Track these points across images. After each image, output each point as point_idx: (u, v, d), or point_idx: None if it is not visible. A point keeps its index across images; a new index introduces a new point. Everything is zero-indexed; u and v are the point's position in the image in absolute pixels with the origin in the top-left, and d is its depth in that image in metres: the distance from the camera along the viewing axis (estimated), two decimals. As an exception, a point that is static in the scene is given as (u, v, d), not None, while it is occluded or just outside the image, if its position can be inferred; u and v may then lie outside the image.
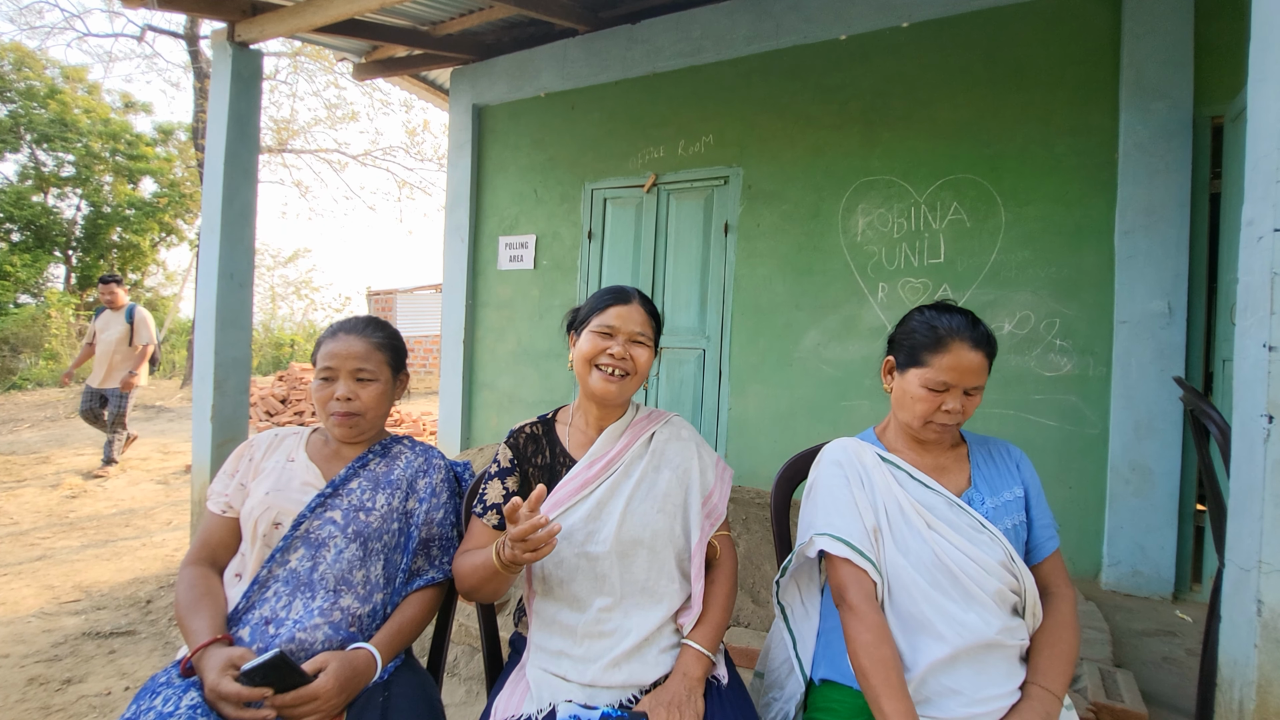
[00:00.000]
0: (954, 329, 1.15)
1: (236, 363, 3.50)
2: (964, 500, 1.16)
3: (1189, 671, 2.18)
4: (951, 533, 1.11)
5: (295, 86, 18.45)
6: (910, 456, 1.22)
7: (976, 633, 1.06)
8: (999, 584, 1.09)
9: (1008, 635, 1.09)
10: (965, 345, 1.13)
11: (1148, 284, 2.88)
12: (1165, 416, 2.82)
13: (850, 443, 1.24)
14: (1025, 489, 1.21)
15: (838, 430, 3.35)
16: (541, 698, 1.11)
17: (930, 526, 1.12)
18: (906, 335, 1.21)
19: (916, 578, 1.10)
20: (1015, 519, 1.17)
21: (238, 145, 3.51)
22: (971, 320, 1.17)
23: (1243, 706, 1.23)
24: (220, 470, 1.32)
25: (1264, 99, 1.28)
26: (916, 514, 1.13)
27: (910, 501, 1.15)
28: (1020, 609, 1.13)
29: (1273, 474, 1.19)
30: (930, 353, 1.15)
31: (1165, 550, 2.82)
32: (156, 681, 1.10)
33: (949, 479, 1.20)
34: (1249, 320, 1.28)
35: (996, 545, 1.10)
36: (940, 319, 1.17)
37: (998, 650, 1.09)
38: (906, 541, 1.13)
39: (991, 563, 1.09)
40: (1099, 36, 3.04)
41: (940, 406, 1.15)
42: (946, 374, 1.13)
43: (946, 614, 1.08)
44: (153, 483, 5.12)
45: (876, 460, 1.19)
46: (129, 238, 14.28)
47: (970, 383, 1.14)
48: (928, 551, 1.11)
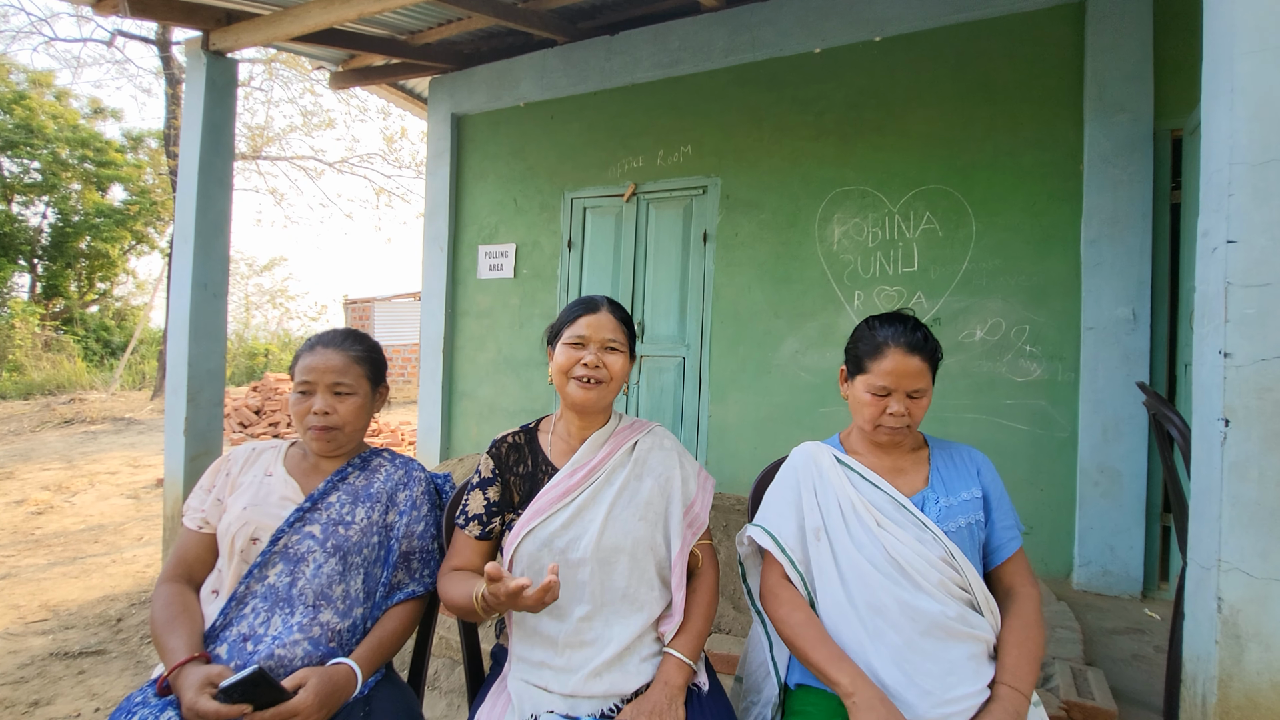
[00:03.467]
0: (891, 336, 1.23)
1: (210, 374, 3.44)
2: (917, 499, 1.23)
3: (1157, 668, 2.24)
4: (899, 530, 1.19)
5: (270, 93, 18.22)
6: (869, 459, 1.29)
7: (930, 616, 1.12)
8: (940, 575, 1.16)
9: (962, 624, 1.13)
10: (901, 351, 1.21)
11: (1113, 291, 2.96)
12: (1131, 420, 2.91)
13: (812, 446, 1.32)
14: (985, 491, 1.26)
15: (816, 436, 3.37)
16: (523, 709, 1.11)
17: (879, 525, 1.20)
18: (853, 344, 1.30)
19: (871, 570, 1.17)
20: (969, 518, 1.22)
21: (212, 154, 3.46)
22: (911, 326, 1.24)
23: (1205, 701, 1.27)
24: (196, 485, 1.31)
25: (1217, 116, 1.34)
26: (867, 512, 1.21)
27: (862, 501, 1.22)
28: (975, 605, 1.17)
29: (1230, 476, 1.24)
30: (871, 359, 1.24)
31: (1134, 550, 2.90)
32: (132, 701, 1.08)
33: (905, 480, 1.27)
34: (1206, 327, 1.33)
35: (937, 543, 1.17)
36: (881, 328, 1.26)
37: (961, 642, 1.12)
38: (859, 537, 1.20)
39: (933, 558, 1.16)
40: (1064, 51, 3.14)
41: (886, 409, 1.22)
42: (886, 378, 1.21)
43: (900, 600, 1.14)
44: (123, 497, 4.99)
45: (833, 462, 1.27)
46: (98, 246, 13.96)
47: (910, 386, 1.21)
48: (878, 546, 1.18)
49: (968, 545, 1.20)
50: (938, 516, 1.21)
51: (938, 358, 1.25)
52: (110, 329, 15.19)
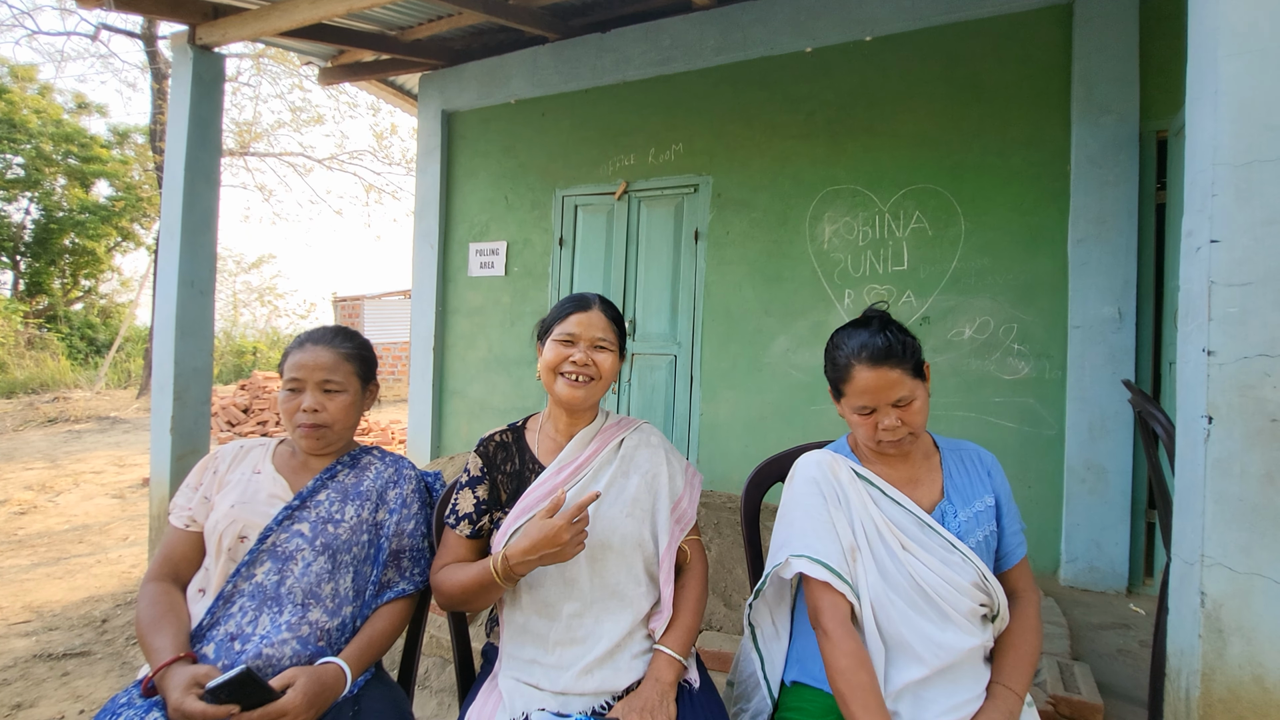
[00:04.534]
0: (853, 353, 1.14)
1: (197, 372, 3.41)
2: (937, 514, 1.17)
3: (1142, 662, 2.27)
4: (925, 554, 1.11)
5: (258, 89, 18.07)
6: (882, 469, 1.21)
7: (953, 652, 1.07)
8: (972, 603, 1.10)
9: (984, 649, 1.12)
10: (866, 367, 1.12)
11: (1099, 290, 2.99)
12: (1117, 417, 2.94)
13: (824, 457, 1.22)
14: (996, 497, 1.22)
15: (807, 434, 3.40)
16: (514, 707, 1.11)
17: (905, 548, 1.12)
18: (827, 367, 1.23)
19: (895, 599, 1.10)
20: (987, 529, 1.17)
21: (199, 150, 3.42)
22: (875, 329, 1.15)
23: (1189, 695, 1.29)
24: (183, 483, 1.29)
25: (1200, 118, 1.35)
26: (892, 535, 1.13)
27: (885, 522, 1.14)
28: (991, 618, 1.15)
29: (1213, 472, 1.26)
30: (843, 383, 1.16)
31: (1119, 546, 2.93)
32: (116, 703, 1.07)
33: (922, 491, 1.20)
34: (1190, 326, 1.35)
35: (969, 566, 1.11)
36: (844, 344, 1.17)
37: (968, 660, 1.11)
38: (884, 563, 1.12)
39: (964, 584, 1.09)
40: (1052, 53, 3.16)
41: (878, 425, 1.14)
42: (862, 398, 1.13)
43: (924, 635, 1.08)
44: (108, 497, 4.93)
45: (852, 476, 1.18)
46: (82, 242, 13.78)
47: (890, 398, 1.11)
48: (904, 573, 1.11)
49: (987, 560, 1.14)
50: (958, 532, 1.14)
51: (916, 358, 1.15)
52: (95, 327, 15.00)
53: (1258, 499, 1.23)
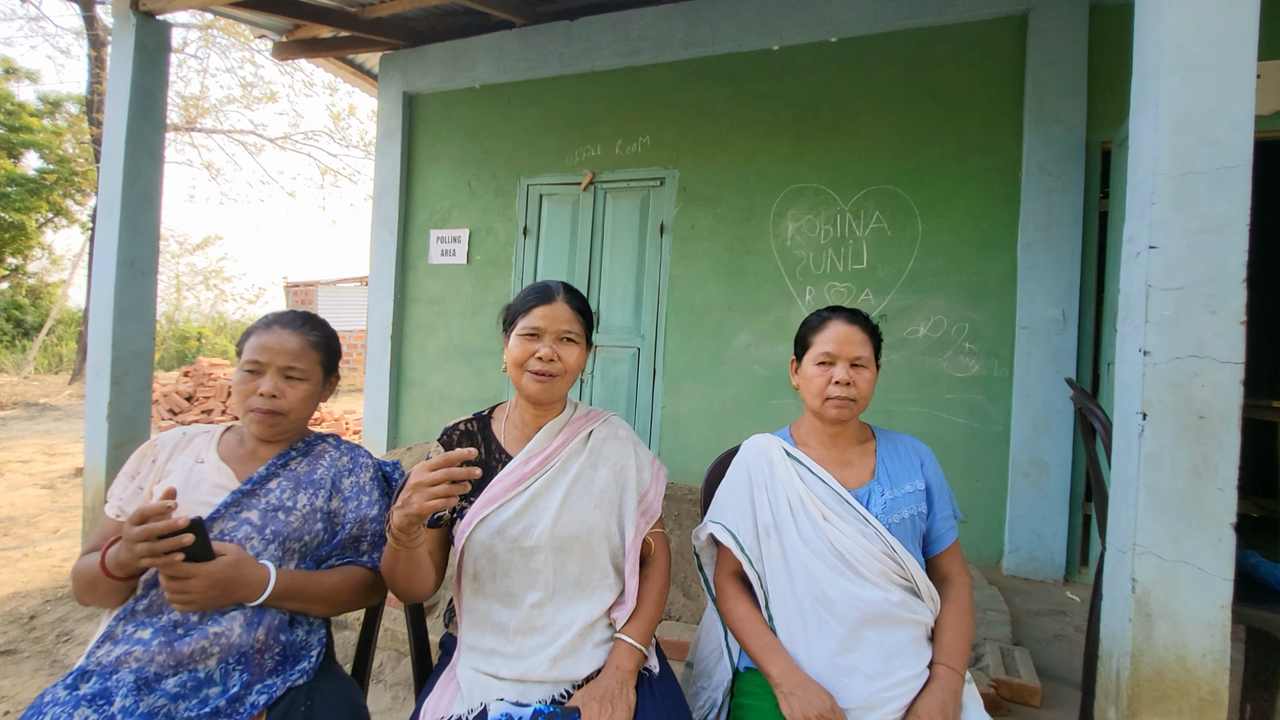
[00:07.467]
0: (831, 311, 1.35)
1: (137, 356, 3.24)
2: (864, 491, 1.28)
3: (1078, 647, 2.40)
4: (843, 524, 1.23)
5: (206, 62, 17.19)
6: (819, 452, 1.33)
7: (874, 604, 1.17)
8: (883, 566, 1.21)
9: (905, 609, 1.19)
10: (841, 320, 1.31)
11: (1045, 292, 3.12)
12: (1059, 414, 3.08)
13: (763, 440, 1.36)
14: (927, 483, 1.31)
15: (768, 428, 3.44)
16: (473, 697, 1.10)
17: (825, 519, 1.24)
18: (801, 331, 1.39)
19: (818, 563, 1.21)
20: (913, 509, 1.27)
21: (141, 123, 3.25)
22: (850, 308, 1.36)
23: (1119, 675, 1.37)
24: (120, 472, 1.23)
25: (1142, 130, 1.42)
26: (815, 506, 1.25)
27: (809, 495, 1.26)
28: (916, 592, 1.22)
29: (1146, 465, 1.33)
30: (815, 333, 1.33)
31: (1058, 537, 3.08)
32: (43, 700, 1.01)
33: (852, 472, 1.31)
34: (1128, 327, 1.42)
35: (879, 538, 1.22)
36: (819, 311, 1.38)
37: (901, 627, 1.17)
38: (806, 531, 1.24)
39: (876, 550, 1.21)
40: (1007, 63, 3.27)
41: (831, 379, 1.28)
42: (829, 345, 1.29)
43: (846, 591, 1.19)
44: (36, 487, 4.66)
45: (783, 456, 1.31)
46: (10, 217, 12.91)
47: (852, 353, 1.28)
48: (824, 540, 1.23)
49: (910, 536, 1.25)
50: (883, 509, 1.25)
51: (878, 337, 1.33)
52: (23, 307, 14.12)
53: (1185, 491, 1.30)
